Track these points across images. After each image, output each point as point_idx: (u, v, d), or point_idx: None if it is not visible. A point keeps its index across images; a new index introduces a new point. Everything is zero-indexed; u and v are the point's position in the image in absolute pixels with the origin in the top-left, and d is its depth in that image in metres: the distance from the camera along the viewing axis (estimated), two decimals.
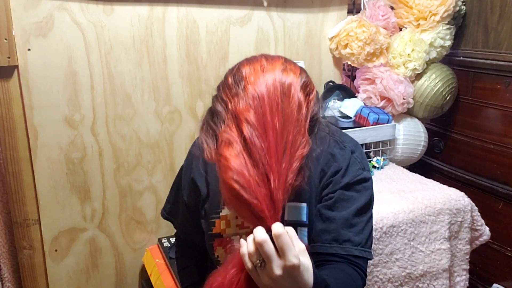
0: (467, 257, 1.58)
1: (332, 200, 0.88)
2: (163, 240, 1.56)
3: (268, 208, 0.68)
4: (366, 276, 0.87)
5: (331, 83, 1.83)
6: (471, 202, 1.54)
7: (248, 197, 0.68)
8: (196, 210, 1.00)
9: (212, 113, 0.84)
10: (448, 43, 1.79)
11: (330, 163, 0.90)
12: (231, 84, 0.81)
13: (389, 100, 1.78)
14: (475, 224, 1.56)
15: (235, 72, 0.82)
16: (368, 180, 0.92)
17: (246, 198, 0.68)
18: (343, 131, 1.66)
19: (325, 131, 0.92)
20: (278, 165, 0.71)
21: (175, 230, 1.17)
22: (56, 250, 1.46)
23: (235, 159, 0.70)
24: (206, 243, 0.99)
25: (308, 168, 0.77)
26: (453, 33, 1.82)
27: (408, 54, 1.73)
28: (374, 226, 1.37)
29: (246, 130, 0.73)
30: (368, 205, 0.90)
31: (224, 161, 0.71)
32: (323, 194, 0.90)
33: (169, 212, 1.11)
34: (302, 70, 0.84)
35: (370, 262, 1.38)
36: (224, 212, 0.95)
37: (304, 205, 0.90)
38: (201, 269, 1.12)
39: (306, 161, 0.75)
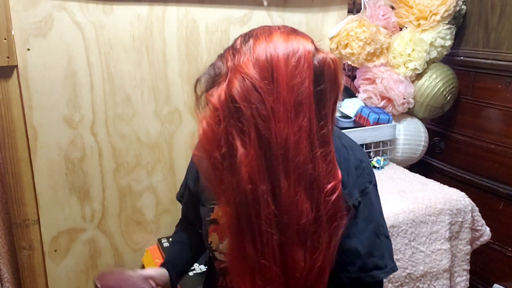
0: (468, 257, 1.58)
1: (345, 225, 0.80)
2: (163, 241, 1.56)
3: None
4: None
5: None
6: (472, 202, 1.53)
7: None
8: (197, 197, 1.01)
9: (211, 67, 0.78)
10: (448, 42, 1.79)
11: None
12: (238, 44, 0.75)
13: (389, 100, 1.78)
14: (475, 225, 1.56)
15: (246, 33, 0.77)
16: (372, 194, 0.87)
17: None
18: (343, 131, 1.66)
19: (334, 134, 0.82)
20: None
21: (175, 230, 1.18)
22: (55, 251, 1.46)
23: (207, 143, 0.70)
24: (202, 230, 0.99)
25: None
26: (454, 32, 1.81)
27: (409, 54, 1.73)
28: None
29: (236, 89, 0.68)
30: (378, 218, 0.87)
31: (200, 135, 0.72)
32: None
33: (181, 194, 1.12)
34: None
35: None
36: None
37: None
38: (193, 252, 1.10)
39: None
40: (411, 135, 1.83)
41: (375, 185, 0.89)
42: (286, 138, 0.69)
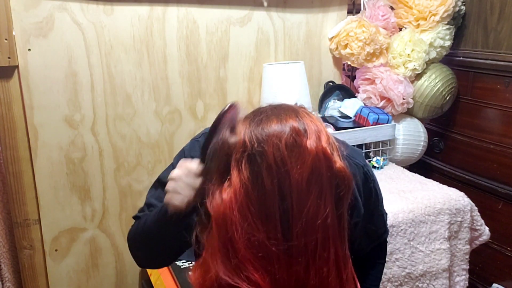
0: (467, 257, 1.58)
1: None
2: None
3: None
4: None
5: (331, 83, 1.83)
6: (471, 202, 1.54)
7: None
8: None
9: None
10: (447, 43, 1.79)
11: None
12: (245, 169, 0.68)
13: (389, 100, 1.78)
14: (474, 224, 1.57)
15: (257, 137, 0.69)
16: (377, 190, 0.96)
17: None
18: (343, 131, 1.67)
19: None
20: None
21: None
22: (56, 250, 1.46)
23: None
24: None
25: None
26: (453, 33, 1.82)
27: (408, 54, 1.74)
28: None
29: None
30: (381, 205, 1.01)
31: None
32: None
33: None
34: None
35: None
36: None
37: None
38: None
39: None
40: (410, 135, 1.84)
41: (376, 181, 0.96)
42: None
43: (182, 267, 1.40)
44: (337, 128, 1.73)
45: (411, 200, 1.49)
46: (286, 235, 0.65)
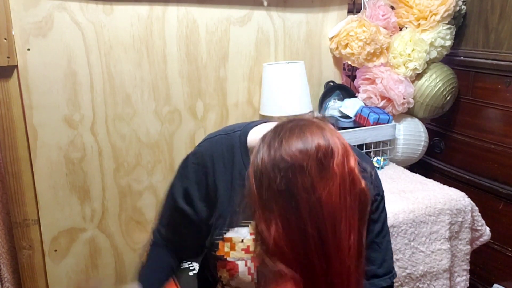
0: (468, 257, 1.58)
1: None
2: None
3: None
4: None
5: (331, 83, 1.83)
6: (472, 202, 1.53)
7: None
8: (202, 220, 0.94)
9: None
10: (448, 43, 1.79)
11: None
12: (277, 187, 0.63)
13: (389, 100, 1.78)
14: (475, 224, 1.56)
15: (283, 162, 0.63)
16: (381, 208, 0.89)
17: None
18: (343, 131, 1.67)
19: None
20: None
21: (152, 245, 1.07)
22: (55, 250, 1.46)
23: None
24: (208, 260, 0.95)
25: None
26: (454, 33, 1.81)
27: (409, 54, 1.73)
28: None
29: None
30: (387, 225, 0.90)
31: None
32: None
33: (168, 222, 1.05)
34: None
35: None
36: (229, 234, 0.88)
37: None
38: (168, 275, 1.01)
39: None
40: (411, 135, 1.83)
41: (383, 197, 0.88)
42: None
43: (182, 267, 1.39)
44: (337, 128, 1.72)
45: (412, 200, 1.48)
46: (327, 265, 0.63)
